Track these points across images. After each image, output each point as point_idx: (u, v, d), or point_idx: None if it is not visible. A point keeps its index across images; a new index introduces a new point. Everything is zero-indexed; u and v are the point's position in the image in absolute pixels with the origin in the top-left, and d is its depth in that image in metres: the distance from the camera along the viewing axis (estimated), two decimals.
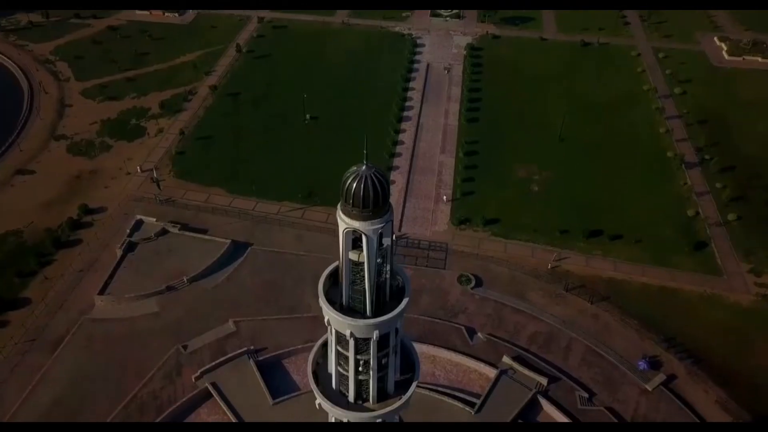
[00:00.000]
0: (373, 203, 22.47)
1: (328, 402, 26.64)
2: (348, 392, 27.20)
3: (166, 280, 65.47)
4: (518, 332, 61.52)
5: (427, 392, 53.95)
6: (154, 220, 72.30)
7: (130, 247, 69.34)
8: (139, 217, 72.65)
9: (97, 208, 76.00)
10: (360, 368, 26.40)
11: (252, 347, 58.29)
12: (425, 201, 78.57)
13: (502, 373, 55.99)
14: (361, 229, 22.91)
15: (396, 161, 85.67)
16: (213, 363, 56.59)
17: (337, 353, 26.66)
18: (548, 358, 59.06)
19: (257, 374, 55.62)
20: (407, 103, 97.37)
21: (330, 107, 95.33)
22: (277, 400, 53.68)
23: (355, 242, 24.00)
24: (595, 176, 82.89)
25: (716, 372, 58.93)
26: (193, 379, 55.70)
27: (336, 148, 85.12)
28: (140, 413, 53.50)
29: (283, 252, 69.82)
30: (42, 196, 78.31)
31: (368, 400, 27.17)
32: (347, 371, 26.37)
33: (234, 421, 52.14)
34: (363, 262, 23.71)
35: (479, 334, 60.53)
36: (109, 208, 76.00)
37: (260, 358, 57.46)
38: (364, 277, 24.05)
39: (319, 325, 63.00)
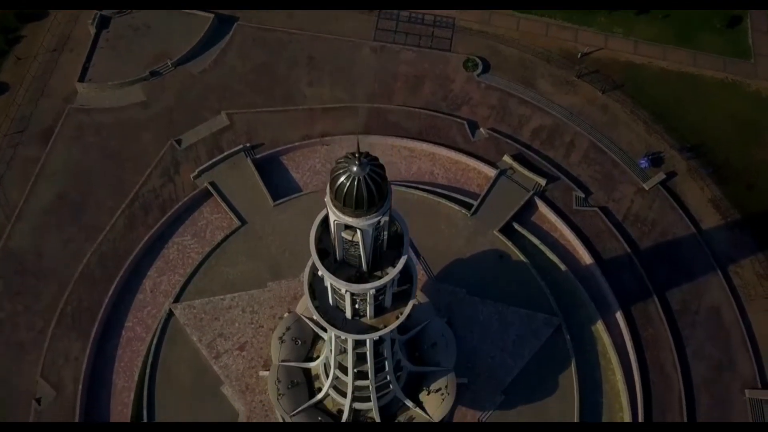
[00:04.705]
0: (368, 204, 18.96)
1: (326, 322, 26.55)
2: (345, 311, 26.96)
3: (149, 65, 60.73)
4: (522, 126, 59.38)
5: (425, 195, 54.43)
6: None
7: (103, 23, 62.64)
8: None
9: None
10: (357, 304, 25.74)
11: (248, 144, 56.83)
12: None
13: (501, 173, 55.67)
14: (354, 225, 19.82)
15: None
16: (210, 161, 55.83)
17: (332, 288, 25.64)
18: (549, 155, 58.13)
19: (256, 174, 55.30)
20: None
21: None
22: (278, 201, 54.35)
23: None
24: None
25: (717, 169, 58.59)
26: (192, 178, 55.62)
27: None
28: (144, 212, 54.68)
29: (273, 29, 63.23)
30: None
31: (365, 316, 27.07)
32: (343, 301, 25.71)
33: (237, 222, 53.58)
34: (357, 242, 21.13)
35: (481, 130, 58.50)
36: None
37: (257, 156, 56.53)
38: (359, 248, 21.67)
39: (316, 119, 61.05)
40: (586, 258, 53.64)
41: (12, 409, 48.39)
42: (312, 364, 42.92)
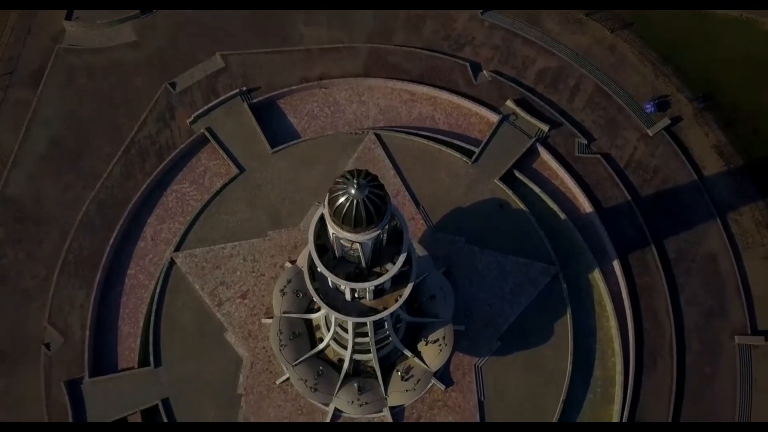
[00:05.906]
0: (367, 223, 18.37)
1: (326, 305, 26.62)
2: (344, 293, 26.95)
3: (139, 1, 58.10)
4: (526, 68, 57.58)
5: (426, 142, 53.57)
6: None
7: None
8: None
9: None
10: (357, 292, 25.67)
11: (244, 88, 55.34)
12: None
13: (504, 119, 54.54)
14: (353, 239, 19.31)
15: None
16: (206, 106, 54.57)
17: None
18: (553, 99, 56.74)
19: (253, 119, 54.20)
20: None
21: None
22: (276, 148, 53.58)
23: None
24: None
25: (723, 113, 57.31)
26: (188, 123, 54.55)
27: None
28: (142, 158, 54.04)
29: None
30: None
31: (365, 298, 27.09)
32: (342, 289, 25.62)
33: (235, 170, 53.04)
34: (357, 248, 20.73)
35: (484, 72, 56.75)
36: None
37: (254, 100, 55.18)
38: (358, 251, 21.30)
39: (313, 60, 59.23)
40: (585, 206, 53.53)
41: (22, 354, 49.86)
42: (313, 316, 43.78)
